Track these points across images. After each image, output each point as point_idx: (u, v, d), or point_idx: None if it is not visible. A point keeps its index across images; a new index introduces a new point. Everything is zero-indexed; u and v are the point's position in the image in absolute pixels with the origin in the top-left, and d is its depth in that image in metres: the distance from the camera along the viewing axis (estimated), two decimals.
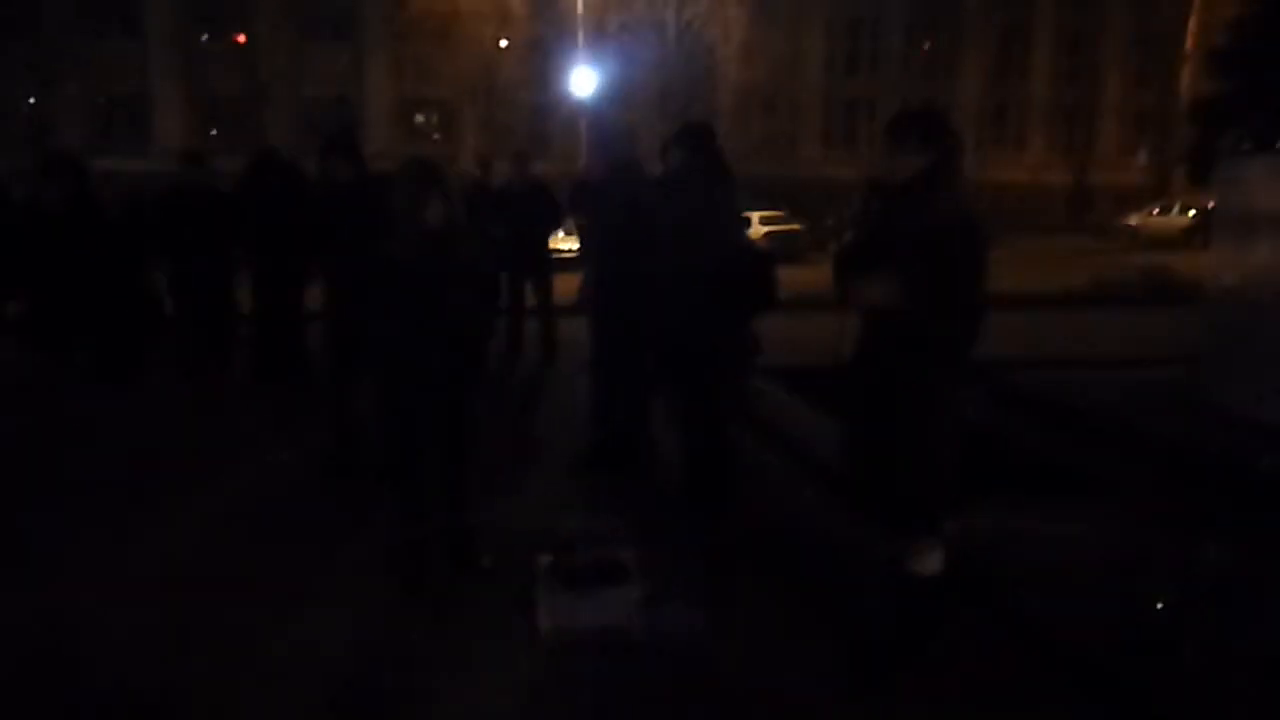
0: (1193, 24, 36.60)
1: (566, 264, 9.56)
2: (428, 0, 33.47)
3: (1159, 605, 3.44)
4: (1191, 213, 30.41)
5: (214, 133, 34.50)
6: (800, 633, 3.72)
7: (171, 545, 4.71)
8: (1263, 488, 4.85)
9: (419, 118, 39.67)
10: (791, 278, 6.08)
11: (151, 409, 6.91)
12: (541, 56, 32.94)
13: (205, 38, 35.87)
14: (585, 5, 28.82)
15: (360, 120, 36.13)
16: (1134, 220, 34.34)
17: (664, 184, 4.97)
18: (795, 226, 26.60)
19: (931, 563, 3.17)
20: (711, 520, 4.77)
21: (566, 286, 5.91)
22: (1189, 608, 3.40)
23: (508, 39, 34.27)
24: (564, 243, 18.43)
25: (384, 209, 5.35)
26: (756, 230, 26.11)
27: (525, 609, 3.69)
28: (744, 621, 3.83)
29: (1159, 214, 33.71)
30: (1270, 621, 3.49)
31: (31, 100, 34.32)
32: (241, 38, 35.70)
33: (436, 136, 38.47)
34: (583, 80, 27.23)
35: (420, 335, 3.93)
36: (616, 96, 28.12)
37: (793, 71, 40.88)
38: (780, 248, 24.83)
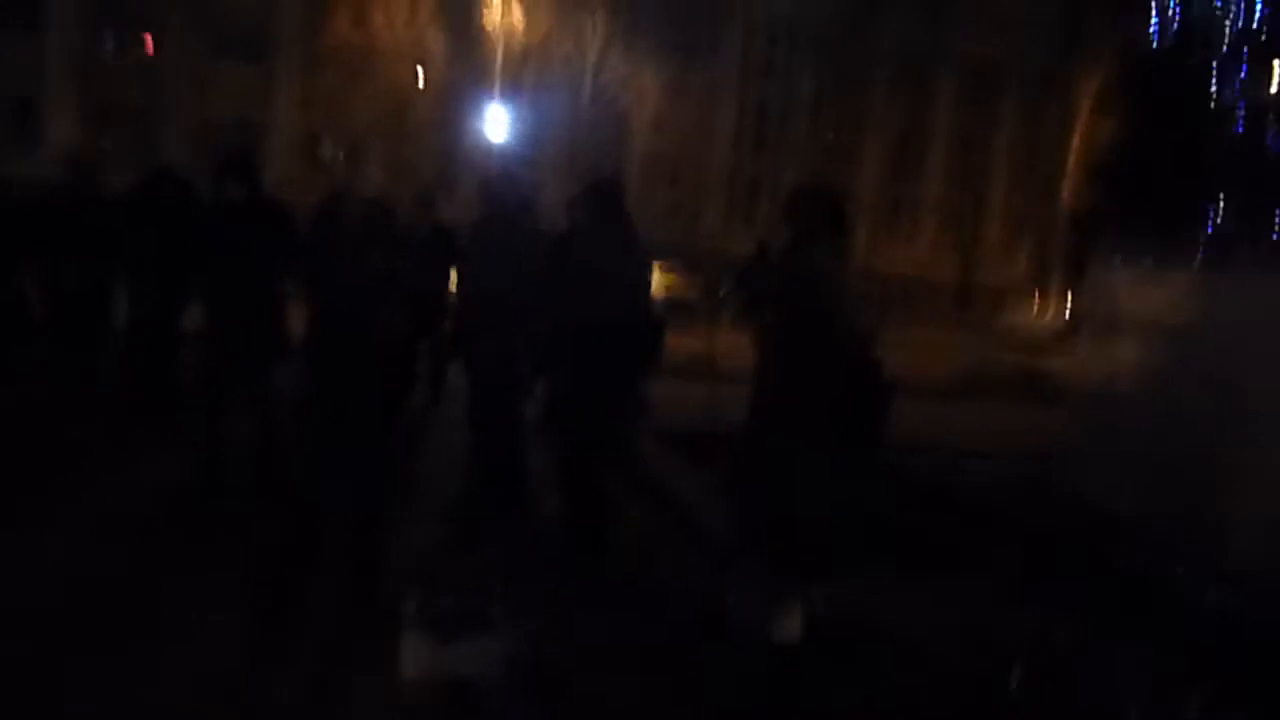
0: (1076, 139, 38.88)
1: None
2: (345, 32, 33.31)
3: (1013, 685, 3.55)
4: (1065, 315, 32.06)
5: (108, 143, 33.32)
6: (668, 693, 3.70)
7: (23, 566, 4.44)
8: (1116, 574, 5.09)
9: (324, 149, 39.08)
10: (684, 344, 6.16)
11: (12, 422, 6.56)
12: (455, 101, 33.00)
13: (109, 44, 34.79)
14: (505, 55, 29.08)
15: (263, 146, 35.42)
16: (1012, 319, 36.08)
17: (572, 240, 4.98)
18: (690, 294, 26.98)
19: (790, 628, 3.19)
20: (587, 574, 4.76)
21: None
22: (1043, 682, 3.52)
23: (424, 80, 34.27)
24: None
25: (278, 234, 5.29)
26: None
27: (389, 654, 3.59)
28: (610, 678, 3.80)
29: (1035, 314, 35.49)
30: (1115, 697, 3.65)
31: None
32: (148, 48, 34.78)
33: (339, 171, 37.90)
34: (494, 129, 27.35)
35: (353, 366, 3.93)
36: (526, 150, 28.29)
37: (701, 145, 41.85)
38: (676, 314, 25.19)
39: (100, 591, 4.26)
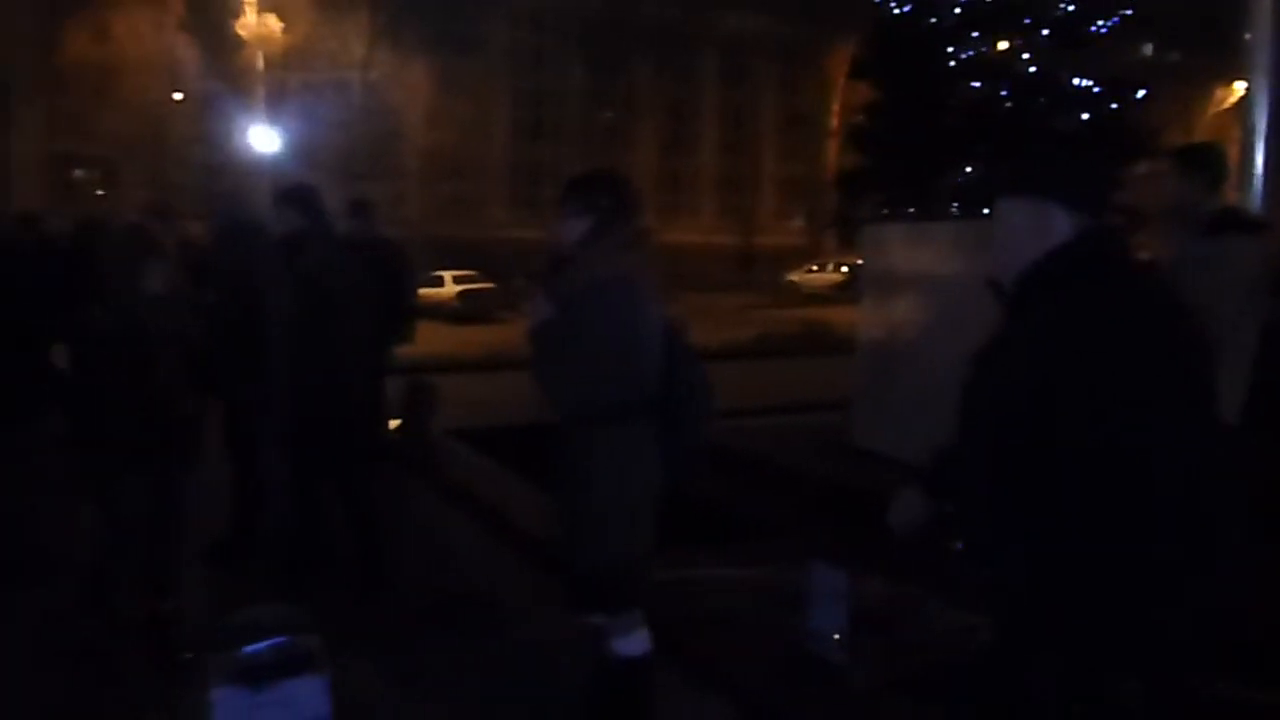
0: (836, 105, 40.88)
1: None
2: (85, 50, 30.87)
3: (835, 637, 3.69)
4: (844, 269, 33.76)
5: None
6: (496, 710, 3.67)
7: None
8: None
9: (78, 173, 36.33)
10: (484, 337, 6.09)
11: None
12: (215, 113, 31.19)
13: None
14: (266, 62, 27.72)
15: (4, 174, 32.56)
16: (794, 277, 37.74)
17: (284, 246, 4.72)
18: (488, 285, 26.82)
19: (635, 643, 3.06)
20: (390, 594, 4.65)
21: None
22: (855, 636, 3.69)
23: (180, 94, 32.29)
24: None
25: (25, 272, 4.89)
26: (450, 289, 26.08)
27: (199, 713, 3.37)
28: (440, 700, 3.73)
29: (815, 271, 37.24)
30: (923, 643, 3.87)
31: None
32: None
33: (100, 193, 35.34)
34: (261, 138, 26.08)
35: (130, 409, 3.70)
36: (296, 156, 27.12)
37: (480, 137, 41.38)
38: (474, 307, 25.02)
39: None
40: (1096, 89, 11.59)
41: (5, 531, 5.02)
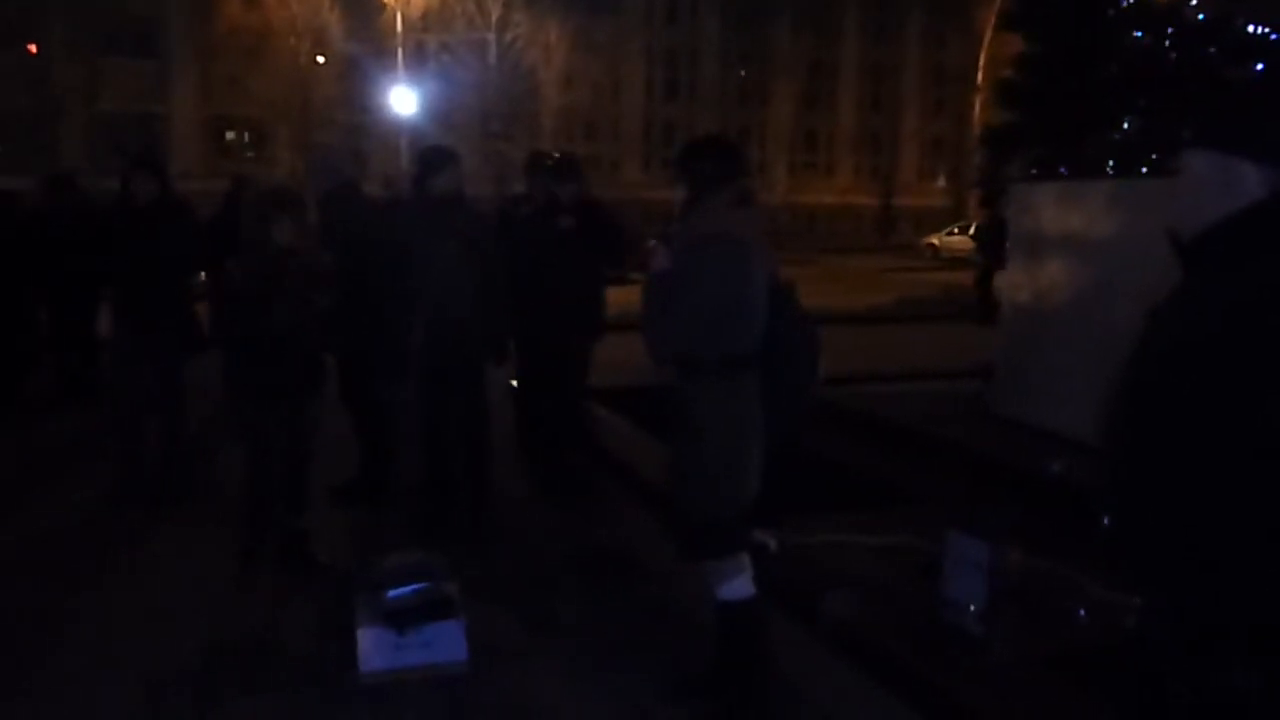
0: (983, 59, 39.28)
1: None
2: (237, 16, 32.33)
3: (972, 608, 3.61)
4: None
5: None
6: (624, 659, 3.70)
7: None
8: (1053, 492, 5.20)
9: (230, 135, 38.13)
10: (618, 298, 6.12)
11: None
12: (359, 75, 32.21)
13: None
14: (405, 24, 28.42)
15: (165, 137, 34.41)
16: (934, 239, 36.59)
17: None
18: None
19: (738, 587, 3.13)
20: (525, 545, 4.84)
21: None
22: (994, 609, 3.59)
23: (324, 57, 33.45)
24: None
25: (185, 229, 5.24)
26: None
27: (345, 651, 3.54)
28: (570, 649, 3.79)
29: (957, 234, 36.01)
30: (1065, 619, 3.75)
31: None
32: (33, 48, 33.41)
33: (250, 154, 37.08)
34: (402, 99, 26.80)
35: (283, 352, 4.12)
36: (435, 116, 27.77)
37: (614, 96, 41.53)
38: None
39: (55, 591, 4.21)
40: (1275, 36, 10.77)
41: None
